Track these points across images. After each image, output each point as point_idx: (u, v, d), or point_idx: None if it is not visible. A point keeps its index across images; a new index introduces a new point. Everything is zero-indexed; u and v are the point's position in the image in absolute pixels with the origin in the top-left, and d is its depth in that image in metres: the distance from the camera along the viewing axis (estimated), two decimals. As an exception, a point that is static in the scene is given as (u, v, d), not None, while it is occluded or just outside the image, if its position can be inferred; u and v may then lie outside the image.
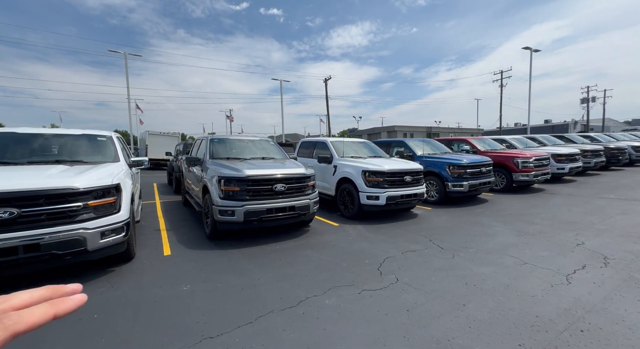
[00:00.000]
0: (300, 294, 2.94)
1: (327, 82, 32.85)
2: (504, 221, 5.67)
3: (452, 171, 7.24)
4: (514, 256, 3.88)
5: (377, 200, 5.71)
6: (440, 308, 2.66)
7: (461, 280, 3.22)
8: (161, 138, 20.79)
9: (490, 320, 2.46)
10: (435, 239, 4.69)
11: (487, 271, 3.45)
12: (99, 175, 3.41)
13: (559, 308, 2.64)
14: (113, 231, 3.25)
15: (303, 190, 4.92)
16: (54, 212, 2.93)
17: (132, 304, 2.75)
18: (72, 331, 2.34)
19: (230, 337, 2.26)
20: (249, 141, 6.40)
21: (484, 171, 7.67)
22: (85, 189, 3.09)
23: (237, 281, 3.23)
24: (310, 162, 7.28)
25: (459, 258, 3.86)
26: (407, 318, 2.51)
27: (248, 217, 4.31)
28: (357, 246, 4.41)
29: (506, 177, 8.93)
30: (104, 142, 4.76)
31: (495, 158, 8.92)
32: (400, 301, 2.80)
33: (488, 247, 4.27)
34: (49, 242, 2.83)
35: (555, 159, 10.31)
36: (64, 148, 4.38)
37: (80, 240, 2.98)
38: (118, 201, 3.41)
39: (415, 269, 3.54)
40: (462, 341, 2.20)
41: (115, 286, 3.11)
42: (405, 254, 4.04)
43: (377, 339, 2.23)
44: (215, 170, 4.65)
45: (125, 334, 2.30)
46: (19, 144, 4.21)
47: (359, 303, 2.76)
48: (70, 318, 2.51)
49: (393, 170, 5.94)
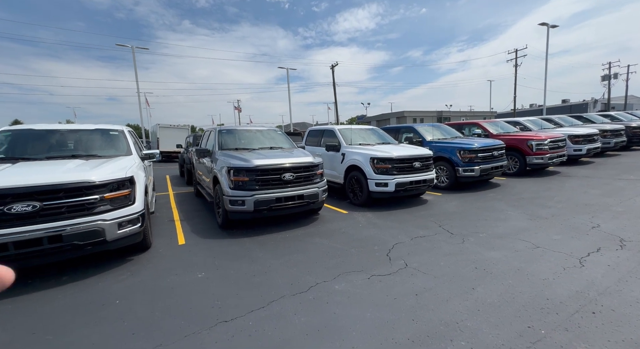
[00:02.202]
0: (310, 280, 3.02)
1: (334, 69, 32.26)
2: (517, 205, 5.58)
3: (462, 155, 7.10)
4: (525, 240, 3.84)
5: (386, 187, 5.69)
6: (449, 292, 2.68)
7: (470, 264, 3.22)
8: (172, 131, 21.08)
9: (499, 303, 2.47)
10: (445, 224, 4.67)
11: (497, 255, 3.44)
12: (113, 168, 3.52)
13: (571, 290, 2.62)
14: (129, 222, 3.38)
15: (311, 179, 4.95)
16: (73, 205, 3.06)
17: (151, 291, 2.89)
18: (97, 316, 2.49)
19: (244, 321, 2.36)
20: (257, 131, 6.43)
21: (496, 154, 7.49)
22: (100, 182, 3.21)
23: (249, 268, 3.34)
24: (318, 150, 7.27)
25: (468, 243, 3.84)
26: (415, 302, 2.54)
27: (258, 206, 4.39)
28: (366, 232, 4.45)
29: (519, 161, 8.70)
30: (116, 136, 4.88)
31: (508, 141, 8.68)
32: (409, 285, 2.84)
33: (499, 231, 4.23)
34: (70, 234, 2.98)
35: (572, 140, 9.95)
36: (79, 143, 4.52)
37: (99, 231, 3.12)
38: (132, 193, 3.53)
39: (424, 254, 3.55)
40: (471, 323, 2.23)
41: (134, 274, 3.26)
42: (415, 239, 4.06)
43: (386, 322, 2.29)
44: (224, 161, 4.72)
45: (146, 318, 2.44)
46: (37, 140, 4.38)
47: (368, 288, 2.81)
48: (95, 305, 2.67)
49: (402, 156, 5.88)
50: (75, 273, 3.31)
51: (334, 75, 32.34)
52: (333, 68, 32.28)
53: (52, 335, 2.25)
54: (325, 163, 6.38)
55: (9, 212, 2.79)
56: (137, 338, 2.19)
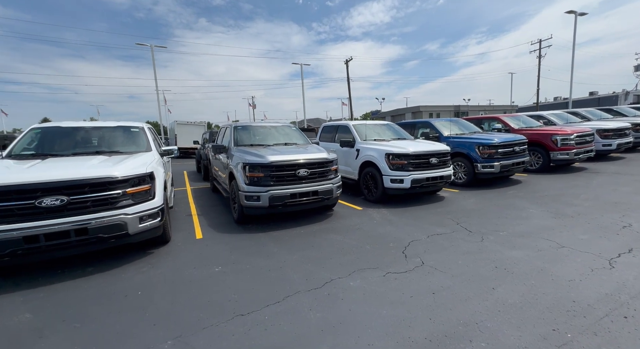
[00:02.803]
0: (325, 276, 3.02)
1: (348, 64, 31.91)
2: (539, 203, 5.35)
3: (481, 151, 6.87)
4: (549, 239, 3.68)
5: (401, 183, 5.59)
6: (468, 291, 2.61)
7: (490, 264, 3.12)
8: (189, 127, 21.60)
9: (521, 304, 2.38)
10: (463, 222, 4.54)
11: (519, 254, 3.31)
12: (134, 164, 3.64)
13: (600, 293, 2.49)
14: (150, 216, 3.49)
15: (326, 175, 4.93)
16: (97, 200, 3.19)
17: (170, 283, 2.98)
18: (120, 306, 2.60)
19: (260, 315, 2.39)
20: (272, 127, 6.46)
21: (517, 150, 7.19)
22: (123, 178, 3.32)
23: (265, 263, 3.38)
24: (333, 146, 7.23)
25: (488, 241, 3.72)
26: (432, 301, 2.49)
27: (273, 202, 4.43)
28: (381, 229, 4.40)
29: (543, 157, 8.33)
30: (137, 133, 5.03)
31: (530, 136, 8.32)
32: (426, 283, 2.78)
33: (520, 230, 4.07)
34: (95, 227, 3.11)
35: (601, 134, 9.42)
36: (103, 140, 4.69)
37: (121, 224, 3.24)
38: (152, 188, 3.63)
39: (441, 252, 3.47)
40: (491, 324, 2.16)
41: (155, 267, 3.38)
42: (431, 237, 3.97)
43: (402, 320, 2.26)
44: (240, 157, 4.78)
45: (166, 310, 2.52)
46: (64, 137, 4.58)
47: (383, 285, 2.78)
48: (118, 295, 2.78)
49: (418, 152, 5.76)
50: (100, 264, 3.46)
51: (348, 70, 32.01)
52: (347, 63, 31.93)
53: (80, 323, 2.37)
54: (340, 159, 6.34)
55: (40, 205, 2.94)
56: (158, 328, 2.27)
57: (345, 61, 31.95)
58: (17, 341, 2.19)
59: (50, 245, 2.98)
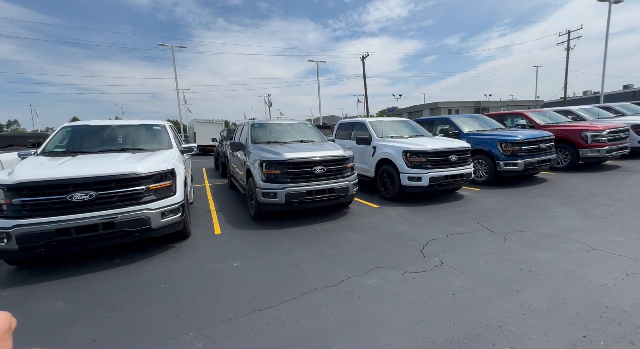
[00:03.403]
0: (341, 273, 3.01)
1: (365, 60, 31.52)
2: (567, 203, 5.09)
3: (504, 148, 6.60)
4: (578, 241, 3.49)
5: (419, 181, 5.48)
6: (490, 293, 2.52)
7: (514, 265, 3.00)
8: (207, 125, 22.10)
9: (548, 308, 2.27)
10: (484, 221, 4.39)
11: (545, 256, 3.16)
12: (156, 161, 3.77)
13: (636, 299, 2.33)
14: (171, 212, 3.61)
15: (342, 172, 4.90)
16: (123, 195, 3.33)
17: (191, 277, 3.07)
18: (144, 297, 2.70)
19: (277, 310, 2.42)
20: (288, 125, 6.49)
21: (543, 147, 6.86)
22: (146, 174, 3.44)
23: (281, 259, 3.41)
24: (349, 143, 7.18)
25: (511, 242, 3.58)
26: (452, 302, 2.43)
27: (289, 199, 4.46)
28: (398, 227, 4.33)
29: (571, 154, 7.90)
30: (158, 130, 5.20)
31: (557, 132, 7.90)
32: (445, 284, 2.71)
33: (547, 231, 3.89)
34: (121, 221, 3.25)
35: (637, 130, 8.81)
36: (127, 137, 4.89)
37: (145, 219, 3.37)
38: (173, 184, 3.75)
39: (461, 252, 3.38)
40: (515, 328, 2.08)
41: (176, 260, 3.49)
42: (450, 236, 3.87)
43: (421, 320, 2.21)
44: (257, 154, 4.83)
45: (187, 302, 2.59)
46: (92, 135, 4.81)
47: (401, 285, 2.74)
48: (142, 287, 2.89)
49: (436, 149, 5.61)
50: (126, 257, 3.62)
51: (364, 66, 31.63)
52: (363, 59, 31.55)
53: (107, 312, 2.48)
54: (356, 156, 6.28)
55: (71, 200, 3.10)
56: (179, 320, 2.34)
57: (362, 58, 31.58)
58: (52, 327, 2.33)
59: (81, 237, 3.15)
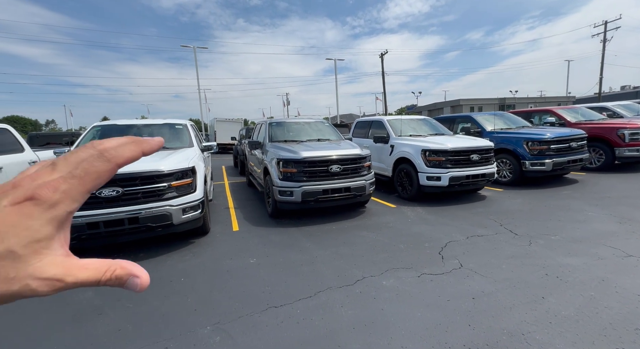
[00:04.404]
0: (357, 273, 2.99)
1: (384, 57, 31.01)
2: (600, 205, 4.77)
3: (530, 147, 6.28)
4: (613, 247, 3.27)
5: (438, 181, 5.33)
6: (513, 299, 2.42)
7: (540, 270, 2.86)
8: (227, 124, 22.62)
9: (578, 317, 2.14)
10: (508, 223, 4.21)
11: (574, 262, 2.98)
12: (178, 159, 3.90)
13: (678, 311, 2.15)
14: (192, 208, 3.72)
15: (358, 171, 4.86)
16: (147, 191, 3.47)
17: (210, 272, 3.16)
18: (166, 290, 2.81)
19: (292, 308, 2.44)
20: (305, 123, 6.51)
21: (574, 146, 6.46)
22: (168, 172, 3.57)
23: (297, 257, 3.43)
24: (366, 142, 7.10)
25: (537, 246, 3.41)
26: (472, 306, 2.35)
27: (305, 197, 4.48)
28: (416, 228, 4.23)
29: (606, 153, 7.40)
30: (180, 129, 5.38)
31: (590, 130, 7.42)
32: (465, 287, 2.63)
33: (577, 235, 3.67)
34: (145, 216, 3.40)
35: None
36: (151, 136, 5.07)
37: (167, 215, 3.50)
38: (194, 182, 3.87)
39: (482, 255, 3.25)
40: (540, 336, 1.97)
41: (196, 256, 3.60)
42: (471, 238, 3.74)
43: (438, 324, 2.15)
44: (274, 152, 4.89)
45: (206, 297, 2.67)
46: (119, 133, 5.05)
47: (418, 286, 2.68)
48: (164, 280, 3.01)
49: (457, 148, 5.43)
50: (149, 251, 3.78)
51: (383, 64, 31.14)
52: (382, 56, 31.06)
53: (132, 304, 2.60)
54: (373, 155, 6.21)
55: (100, 196, 3.27)
56: (198, 313, 2.42)
57: (380, 55, 31.10)
58: (82, 316, 2.47)
59: (108, 231, 3.32)
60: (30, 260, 0.27)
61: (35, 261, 0.27)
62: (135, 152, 0.32)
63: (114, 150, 0.30)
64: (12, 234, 0.26)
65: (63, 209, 0.28)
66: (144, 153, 0.33)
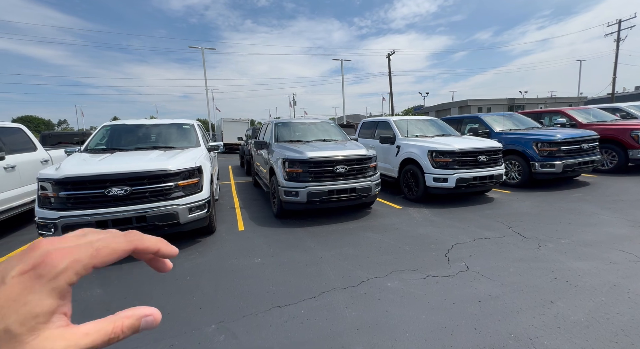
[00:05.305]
0: (361, 274, 2.97)
1: (390, 58, 30.86)
2: (613, 208, 4.65)
3: (540, 148, 6.17)
4: (625, 251, 3.18)
5: (445, 182, 5.28)
6: (520, 303, 2.37)
7: (549, 274, 2.80)
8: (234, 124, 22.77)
9: (588, 323, 2.09)
10: (516, 226, 4.14)
11: (585, 266, 2.92)
12: (185, 158, 3.94)
13: (693, 319, 2.08)
14: (198, 207, 3.76)
15: (364, 172, 4.84)
16: (154, 190, 3.52)
17: (215, 271, 3.19)
18: (172, 288, 2.84)
19: (296, 308, 2.44)
20: (311, 124, 6.52)
21: (585, 147, 6.32)
22: (175, 171, 3.62)
23: (302, 258, 3.43)
24: (372, 143, 7.07)
25: (546, 249, 3.34)
26: (478, 309, 2.31)
27: (310, 198, 4.48)
28: (422, 230, 4.20)
29: (618, 155, 7.23)
30: (188, 129, 5.44)
31: (603, 132, 7.26)
32: (471, 290, 2.59)
33: (588, 238, 3.59)
34: (152, 215, 3.44)
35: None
36: (159, 136, 5.17)
37: (174, 214, 3.54)
38: (200, 181, 3.91)
39: (489, 258, 3.21)
40: (548, 341, 1.93)
41: (202, 254, 3.63)
42: (478, 241, 3.69)
43: (444, 327, 2.13)
44: (280, 153, 4.91)
45: (211, 295, 2.69)
46: (128, 133, 5.14)
47: (423, 289, 2.66)
48: (170, 278, 3.05)
49: (464, 149, 5.37)
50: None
51: (389, 64, 30.99)
52: (389, 57, 30.92)
53: (139, 301, 2.64)
54: (379, 156, 6.18)
55: (108, 194, 3.33)
56: (203, 312, 2.44)
57: (387, 55, 30.96)
58: (90, 311, 2.52)
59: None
60: (26, 339, 0.24)
61: (31, 339, 0.25)
62: (155, 246, 0.34)
63: (139, 235, 0.32)
64: (13, 311, 0.24)
65: (64, 280, 0.26)
66: (159, 253, 0.35)
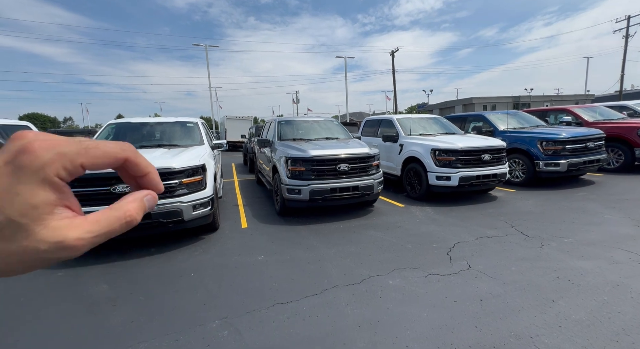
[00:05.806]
0: (363, 272, 2.99)
1: (394, 55, 30.67)
2: (617, 208, 4.62)
3: (545, 147, 6.13)
4: (629, 251, 3.17)
5: (448, 181, 5.27)
6: (522, 301, 2.38)
7: (551, 273, 2.80)
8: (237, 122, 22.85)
9: (589, 322, 2.10)
10: (519, 225, 4.13)
11: (587, 265, 2.91)
12: (189, 156, 3.98)
13: (696, 319, 2.08)
14: (202, 205, 3.80)
15: (367, 170, 4.85)
16: (158, 188, 3.56)
17: (219, 268, 3.23)
18: (176, 284, 2.89)
19: (299, 305, 2.47)
20: (314, 122, 6.53)
21: (591, 146, 6.26)
22: (179, 169, 3.66)
23: (304, 255, 3.46)
24: (375, 141, 7.07)
25: (549, 248, 3.34)
26: (479, 308, 2.33)
27: (313, 196, 4.50)
28: (424, 228, 4.20)
29: (625, 154, 7.15)
30: (191, 127, 5.48)
31: (609, 130, 7.18)
32: (472, 289, 2.60)
33: (591, 237, 3.57)
34: (157, 212, 3.49)
35: None
36: (164, 134, 5.22)
37: (178, 211, 3.58)
38: (204, 179, 3.94)
39: (491, 256, 3.21)
40: (549, 340, 1.94)
41: (206, 251, 3.68)
42: (480, 239, 3.69)
43: (445, 325, 2.15)
44: (282, 151, 4.93)
45: (214, 292, 2.73)
46: (133, 131, 5.20)
47: (424, 287, 2.67)
48: (175, 275, 3.09)
49: (468, 148, 5.35)
50: (161, 246, 3.88)
51: (393, 61, 30.79)
52: (393, 54, 30.72)
53: (143, 297, 2.69)
54: (382, 154, 6.18)
55: (114, 192, 3.38)
56: (207, 308, 2.48)
57: (391, 52, 30.76)
58: (97, 307, 2.57)
59: (122, 226, 3.42)
60: (33, 228, 0.24)
61: (39, 229, 0.25)
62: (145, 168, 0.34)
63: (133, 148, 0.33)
64: (7, 201, 0.24)
65: (51, 172, 0.25)
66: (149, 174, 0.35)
